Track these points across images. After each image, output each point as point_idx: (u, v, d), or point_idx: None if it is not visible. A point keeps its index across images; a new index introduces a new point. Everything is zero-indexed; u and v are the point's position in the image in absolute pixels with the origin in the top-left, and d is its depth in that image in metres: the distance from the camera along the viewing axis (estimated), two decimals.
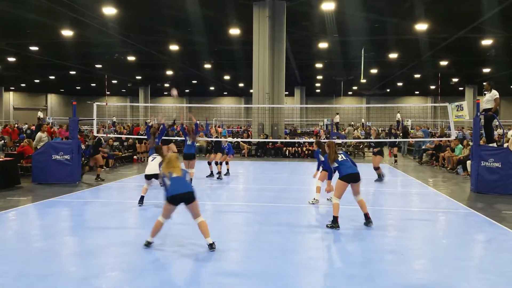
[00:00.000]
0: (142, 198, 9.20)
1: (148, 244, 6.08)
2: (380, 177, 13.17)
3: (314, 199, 9.41)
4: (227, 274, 5.20)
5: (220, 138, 16.89)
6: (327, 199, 9.67)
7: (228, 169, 14.32)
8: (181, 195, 5.91)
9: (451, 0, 18.67)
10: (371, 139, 13.73)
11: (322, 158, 9.24)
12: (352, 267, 5.50)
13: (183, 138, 13.10)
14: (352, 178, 7.35)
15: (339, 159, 7.53)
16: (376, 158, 13.26)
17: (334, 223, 7.27)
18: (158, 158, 9.06)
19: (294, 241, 6.65)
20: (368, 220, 7.50)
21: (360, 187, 7.54)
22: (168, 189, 5.97)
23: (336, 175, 7.61)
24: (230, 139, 18.41)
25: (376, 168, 13.20)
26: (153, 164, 9.08)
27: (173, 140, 16.32)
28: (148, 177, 9.14)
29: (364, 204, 7.54)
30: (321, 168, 9.70)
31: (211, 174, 13.72)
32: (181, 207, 6.06)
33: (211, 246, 5.95)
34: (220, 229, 7.30)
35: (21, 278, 5.01)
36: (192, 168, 11.50)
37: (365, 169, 14.89)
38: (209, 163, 13.87)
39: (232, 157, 14.36)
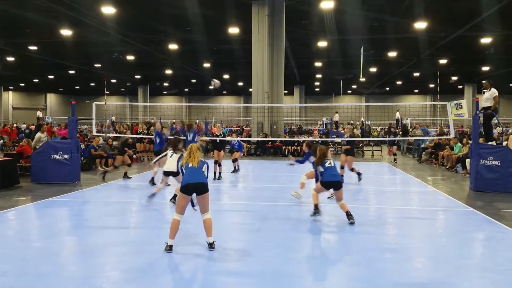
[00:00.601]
0: (154, 194, 9.22)
1: (169, 249, 5.81)
2: (360, 176, 12.50)
3: (296, 192, 9.45)
4: (227, 273, 5.20)
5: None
6: (328, 197, 9.71)
7: (235, 166, 14.28)
8: (194, 185, 5.88)
9: None
10: (344, 137, 13.14)
11: (313, 160, 8.78)
12: (351, 266, 5.51)
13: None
14: (333, 185, 7.50)
15: (326, 164, 7.56)
16: (348, 158, 12.33)
17: (316, 210, 7.71)
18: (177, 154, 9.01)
19: (294, 240, 6.65)
20: (349, 217, 7.46)
21: (342, 193, 7.59)
22: (182, 179, 6.00)
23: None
24: (236, 137, 18.24)
25: (352, 169, 12.45)
26: (171, 161, 8.93)
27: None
28: (166, 174, 9.05)
29: (345, 206, 7.57)
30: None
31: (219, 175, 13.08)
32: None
33: (211, 246, 5.93)
34: (219, 228, 7.30)
35: (22, 277, 5.00)
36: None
37: (363, 167, 14.91)
38: (216, 163, 13.28)
39: (242, 155, 14.18)
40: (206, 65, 36.38)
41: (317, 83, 49.44)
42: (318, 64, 35.09)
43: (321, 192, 7.95)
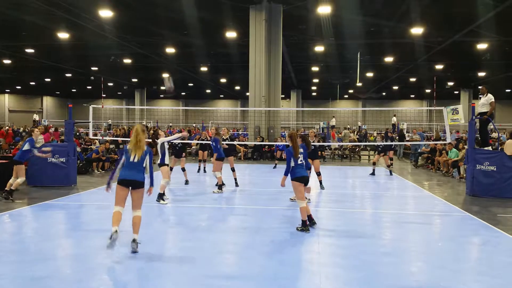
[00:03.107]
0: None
1: (115, 231, 5.71)
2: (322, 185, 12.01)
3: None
4: (223, 277, 5.19)
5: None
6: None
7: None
8: (129, 181, 5.92)
9: (447, 3, 18.80)
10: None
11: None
12: (348, 270, 5.51)
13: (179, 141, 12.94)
14: (305, 180, 7.41)
15: (298, 161, 7.41)
16: (315, 161, 11.63)
17: (304, 227, 7.26)
18: None
19: (290, 244, 6.65)
20: (312, 222, 7.52)
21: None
22: (120, 172, 5.94)
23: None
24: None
25: (318, 174, 11.89)
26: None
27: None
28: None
29: (308, 208, 7.59)
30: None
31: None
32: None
33: (134, 241, 5.89)
34: (216, 231, 7.30)
35: (17, 280, 4.98)
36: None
37: (360, 172, 14.95)
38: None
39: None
40: (204, 68, 36.42)
41: (314, 88, 49.58)
42: (315, 68, 35.21)
43: (304, 192, 7.54)
